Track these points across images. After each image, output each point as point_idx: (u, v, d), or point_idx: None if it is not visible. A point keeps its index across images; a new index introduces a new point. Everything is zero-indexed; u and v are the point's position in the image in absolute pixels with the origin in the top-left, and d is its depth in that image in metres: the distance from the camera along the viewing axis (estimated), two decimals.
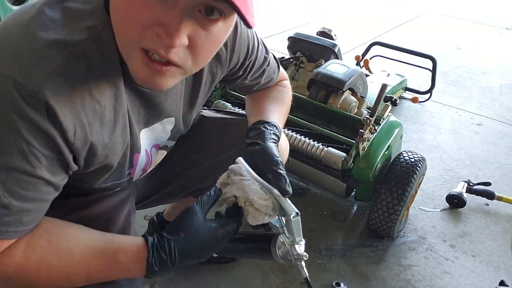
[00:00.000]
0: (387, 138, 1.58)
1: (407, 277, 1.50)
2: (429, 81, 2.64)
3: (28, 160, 0.59)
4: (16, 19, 0.62)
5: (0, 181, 0.58)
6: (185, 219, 0.75)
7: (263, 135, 0.88)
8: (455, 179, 2.07)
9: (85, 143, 0.64)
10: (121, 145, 0.73)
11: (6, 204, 0.60)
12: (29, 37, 0.59)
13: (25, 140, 0.58)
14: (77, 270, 0.69)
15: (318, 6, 4.92)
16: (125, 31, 0.60)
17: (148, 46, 0.59)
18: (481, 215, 1.86)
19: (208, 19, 0.59)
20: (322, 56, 1.92)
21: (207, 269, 1.42)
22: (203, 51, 0.63)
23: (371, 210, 1.56)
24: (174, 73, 0.64)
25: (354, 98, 1.71)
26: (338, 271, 1.49)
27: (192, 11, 0.58)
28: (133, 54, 0.61)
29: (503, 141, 2.49)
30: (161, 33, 0.57)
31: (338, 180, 1.57)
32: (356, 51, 3.26)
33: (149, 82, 0.64)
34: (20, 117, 0.57)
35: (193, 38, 0.60)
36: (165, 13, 0.56)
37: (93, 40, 0.62)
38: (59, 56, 0.59)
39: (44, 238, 0.67)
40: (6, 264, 0.65)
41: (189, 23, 0.58)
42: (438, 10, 5.38)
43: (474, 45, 4.19)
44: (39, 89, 0.57)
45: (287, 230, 0.76)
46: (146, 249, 0.71)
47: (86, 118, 0.63)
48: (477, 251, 1.66)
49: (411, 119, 2.62)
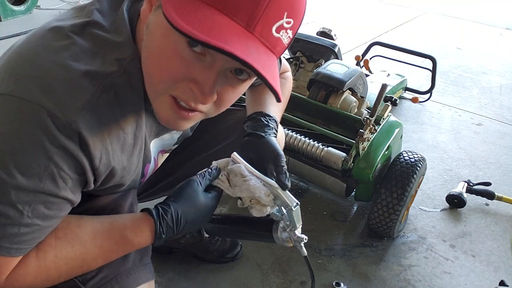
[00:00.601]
0: (387, 138, 1.58)
1: (407, 277, 1.50)
2: (429, 81, 2.64)
3: (56, 183, 0.61)
4: (45, 45, 0.63)
5: (26, 202, 0.60)
6: (188, 189, 0.79)
7: (265, 127, 0.89)
8: (455, 179, 2.06)
9: (107, 167, 0.68)
10: (135, 165, 0.77)
11: (29, 223, 0.62)
12: (62, 67, 0.61)
13: (57, 165, 0.60)
14: (93, 255, 0.72)
15: (318, 6, 4.92)
16: (158, 78, 0.62)
17: (179, 96, 0.63)
18: (481, 215, 1.86)
19: (237, 78, 0.64)
20: (322, 56, 1.92)
21: (207, 269, 1.42)
22: (227, 104, 0.68)
23: (371, 210, 1.56)
24: (197, 118, 0.68)
25: (354, 98, 1.71)
26: (338, 271, 1.49)
27: (225, 72, 0.62)
28: (162, 98, 0.64)
29: (503, 141, 2.49)
30: (195, 90, 0.60)
31: (338, 180, 1.57)
32: (356, 51, 3.26)
33: (172, 124, 0.68)
34: (53, 145, 0.59)
35: (220, 94, 0.64)
36: (202, 72, 0.59)
37: (122, 72, 0.65)
38: (92, 87, 0.62)
39: (52, 237, 0.69)
40: (24, 274, 0.66)
41: (221, 82, 0.62)
42: (438, 10, 5.38)
43: (474, 45, 4.19)
44: (73, 120, 0.59)
45: (288, 218, 0.81)
46: (152, 220, 0.75)
47: (110, 145, 0.66)
48: (477, 251, 1.66)
49: (411, 119, 2.62)
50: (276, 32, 0.58)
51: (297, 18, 0.61)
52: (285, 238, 0.83)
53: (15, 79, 0.60)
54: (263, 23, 0.56)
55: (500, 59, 3.86)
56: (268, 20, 0.57)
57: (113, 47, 0.65)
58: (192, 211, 0.77)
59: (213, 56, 0.59)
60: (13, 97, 0.58)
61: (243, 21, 0.56)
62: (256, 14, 0.55)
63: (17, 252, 0.63)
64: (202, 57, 0.59)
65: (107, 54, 0.64)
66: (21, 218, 0.60)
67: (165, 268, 1.41)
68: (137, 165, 0.77)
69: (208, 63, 0.59)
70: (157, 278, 1.38)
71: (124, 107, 0.67)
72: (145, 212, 0.77)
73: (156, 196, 1.21)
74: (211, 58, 0.59)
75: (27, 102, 0.58)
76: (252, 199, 0.79)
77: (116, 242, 0.74)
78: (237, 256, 1.47)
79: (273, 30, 0.58)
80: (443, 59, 3.40)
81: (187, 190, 0.79)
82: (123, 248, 0.75)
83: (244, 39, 0.55)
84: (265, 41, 0.58)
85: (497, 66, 3.67)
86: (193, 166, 1.12)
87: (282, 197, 0.78)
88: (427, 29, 4.60)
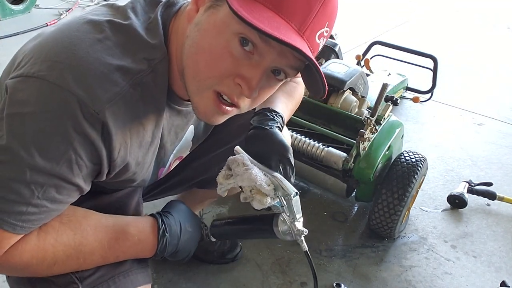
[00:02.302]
0: (388, 138, 1.57)
1: (408, 278, 1.50)
2: (430, 80, 2.63)
3: (72, 169, 0.64)
4: (81, 37, 0.65)
5: (39, 183, 0.62)
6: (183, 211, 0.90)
7: (270, 121, 0.90)
8: (456, 179, 2.06)
9: (123, 161, 0.71)
10: (148, 163, 0.79)
11: (38, 204, 0.64)
12: (96, 59, 0.63)
13: (76, 152, 0.63)
14: (92, 249, 0.74)
15: None
16: (206, 74, 0.66)
17: (224, 91, 0.67)
18: (482, 216, 1.85)
19: (275, 78, 0.69)
20: (322, 55, 1.91)
21: (207, 270, 1.42)
22: (261, 100, 0.73)
23: (372, 211, 1.56)
24: (233, 113, 0.72)
25: (355, 98, 1.71)
26: (338, 272, 1.48)
27: (268, 71, 0.67)
28: (205, 94, 0.67)
29: (505, 141, 2.48)
30: (242, 84, 0.65)
31: (339, 180, 1.56)
32: (357, 50, 3.25)
33: (210, 118, 0.72)
34: (76, 131, 0.61)
35: (259, 91, 0.69)
36: (250, 69, 0.64)
37: (151, 71, 0.68)
38: (123, 82, 0.65)
39: (56, 220, 0.71)
40: (21, 251, 0.68)
41: (264, 80, 0.67)
42: (439, 9, 5.37)
43: (475, 44, 4.18)
44: (101, 110, 0.62)
45: (288, 209, 0.81)
46: (155, 220, 0.80)
47: (130, 139, 0.69)
48: (479, 252, 1.65)
49: (412, 119, 2.61)
50: (318, 39, 0.65)
51: (331, 28, 0.67)
52: (286, 231, 0.83)
53: (49, 65, 0.62)
54: (311, 29, 0.62)
55: (502, 59, 3.84)
56: (315, 26, 0.63)
57: (145, 47, 0.68)
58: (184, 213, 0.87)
59: (261, 55, 0.63)
60: (46, 81, 0.60)
61: (296, 25, 0.61)
62: (308, 20, 0.62)
63: (22, 230, 0.65)
64: (250, 56, 0.63)
65: (138, 52, 0.67)
66: (32, 198, 0.63)
67: (165, 268, 1.40)
68: (150, 164, 0.79)
69: (255, 61, 0.64)
70: (157, 279, 1.37)
71: (148, 105, 0.70)
72: (148, 216, 0.81)
73: (161, 196, 1.22)
74: (259, 57, 0.64)
75: (59, 88, 0.60)
76: (253, 189, 0.79)
77: (117, 238, 0.76)
78: (237, 257, 1.46)
79: (316, 36, 0.64)
80: (444, 59, 3.39)
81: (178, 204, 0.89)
82: (123, 246, 0.77)
83: (298, 39, 0.61)
84: (309, 45, 0.63)
85: (498, 66, 3.66)
86: (198, 167, 1.13)
87: (282, 185, 0.78)
88: (428, 28, 4.59)
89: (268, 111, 0.93)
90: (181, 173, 1.14)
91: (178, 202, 0.92)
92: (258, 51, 0.63)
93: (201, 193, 1.28)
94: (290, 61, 0.64)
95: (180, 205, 0.91)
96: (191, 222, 0.90)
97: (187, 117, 0.84)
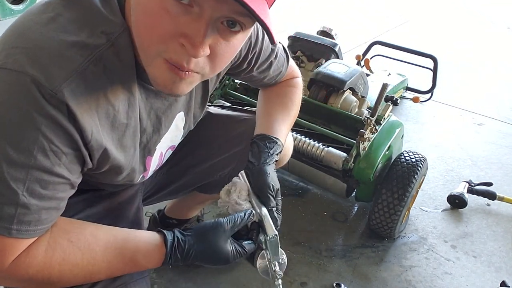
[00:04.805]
0: (388, 138, 1.57)
1: (408, 278, 1.50)
2: (430, 80, 2.63)
3: (48, 158, 0.60)
4: (34, 19, 0.62)
5: (20, 180, 0.59)
6: (211, 232, 0.77)
7: (262, 154, 0.90)
8: (456, 179, 2.06)
9: (99, 145, 0.66)
10: (131, 149, 0.75)
11: (26, 203, 0.60)
12: (50, 37, 0.60)
13: (46, 137, 0.58)
14: (99, 268, 0.71)
15: (318, 5, 4.91)
16: (148, 41, 0.61)
17: (172, 58, 0.60)
18: (482, 216, 1.85)
19: (229, 30, 0.61)
20: (322, 55, 1.91)
21: (207, 270, 1.41)
22: (222, 60, 0.65)
23: (372, 211, 1.56)
24: (194, 79, 0.65)
25: (355, 98, 1.70)
26: (338, 272, 1.48)
27: (216, 23, 0.59)
28: (155, 62, 0.62)
29: (505, 141, 2.48)
30: (185, 44, 0.58)
31: (339, 180, 1.56)
32: (357, 50, 3.25)
33: (170, 88, 0.65)
34: (40, 115, 0.57)
35: (213, 48, 0.61)
36: (190, 24, 0.57)
37: (110, 45, 0.63)
38: (80, 57, 0.60)
39: (64, 238, 0.68)
40: (28, 265, 0.66)
41: (212, 34, 0.59)
42: (439, 9, 5.37)
43: (475, 44, 4.18)
44: (58, 90, 0.58)
45: (266, 247, 0.82)
46: (165, 250, 0.74)
47: (99, 120, 0.64)
48: (479, 252, 1.65)
49: (412, 119, 2.61)
50: None
51: None
52: (263, 268, 0.84)
53: (6, 53, 0.59)
54: None
55: (502, 59, 3.84)
56: None
57: (101, 19, 0.63)
58: (205, 252, 0.76)
59: (201, 5, 0.56)
60: (3, 69, 0.58)
61: None
62: None
63: (19, 233, 0.62)
64: (189, 9, 0.57)
65: (95, 26, 0.63)
66: (16, 197, 0.59)
67: (165, 268, 1.40)
68: (133, 150, 0.75)
69: (196, 14, 0.57)
70: (157, 279, 1.37)
71: (114, 82, 0.65)
72: (159, 236, 0.76)
73: (162, 200, 1.20)
74: (199, 9, 0.57)
75: (13, 72, 0.57)
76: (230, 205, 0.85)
77: (125, 263, 0.73)
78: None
79: None
80: (444, 59, 3.38)
81: (210, 232, 0.77)
82: (130, 269, 0.75)
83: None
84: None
85: (499, 66, 3.66)
86: (199, 173, 1.12)
87: (264, 224, 0.81)
88: (428, 28, 4.59)
89: (263, 139, 0.93)
90: (182, 179, 1.13)
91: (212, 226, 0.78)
92: (196, 1, 0.56)
93: (202, 196, 1.28)
94: (233, 6, 0.55)
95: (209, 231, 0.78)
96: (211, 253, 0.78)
97: (169, 100, 0.79)
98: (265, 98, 1.07)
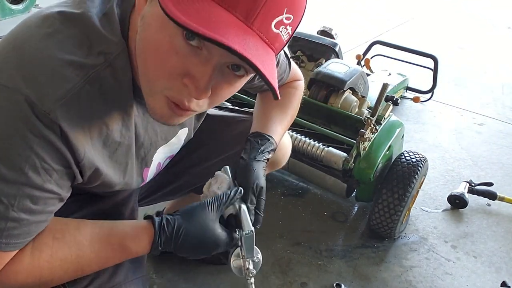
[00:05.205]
0: (388, 138, 1.57)
1: (408, 278, 1.49)
2: (431, 80, 2.62)
3: (39, 175, 0.59)
4: (31, 32, 0.62)
5: (11, 195, 0.59)
6: (198, 209, 0.76)
7: (254, 152, 0.89)
8: (456, 179, 2.05)
9: (90, 162, 0.66)
10: (123, 164, 0.75)
11: (16, 217, 0.60)
12: (46, 55, 0.59)
13: (38, 156, 0.58)
14: (88, 260, 0.70)
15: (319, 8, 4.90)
16: (154, 76, 0.60)
17: (174, 96, 0.60)
18: (483, 216, 1.85)
19: (234, 74, 0.61)
20: (322, 55, 1.91)
21: (206, 270, 1.41)
22: (221, 99, 0.66)
23: (372, 211, 1.55)
24: (192, 113, 0.67)
25: (355, 98, 1.70)
26: (338, 272, 1.48)
27: (222, 67, 0.59)
28: (157, 97, 0.62)
29: (505, 141, 2.48)
30: (189, 85, 0.58)
31: (339, 180, 1.56)
32: (357, 50, 3.24)
33: (165, 120, 0.66)
34: (33, 134, 0.57)
35: (215, 90, 0.61)
36: (197, 67, 0.57)
37: (107, 66, 0.63)
38: (76, 77, 0.60)
39: (49, 237, 0.68)
40: (15, 272, 0.65)
41: (216, 78, 0.60)
42: (440, 9, 5.36)
43: (476, 44, 4.18)
44: (51, 110, 0.57)
45: (241, 244, 0.80)
46: (153, 231, 0.73)
47: (91, 140, 0.64)
48: (479, 252, 1.65)
49: (413, 119, 2.61)
50: (276, 28, 0.57)
51: (297, 14, 0.59)
52: (237, 265, 0.83)
53: (0, 66, 0.59)
54: (263, 18, 0.55)
55: (502, 59, 3.84)
56: (267, 14, 0.55)
57: (100, 39, 0.63)
58: (194, 230, 0.74)
59: (210, 50, 0.56)
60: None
61: (242, 15, 0.54)
62: (256, 8, 0.54)
63: (7, 247, 0.62)
64: (198, 51, 0.57)
65: (92, 46, 0.62)
66: (7, 211, 0.59)
67: (164, 269, 1.40)
68: (126, 166, 0.75)
69: (204, 57, 0.57)
70: (156, 279, 1.37)
71: (109, 102, 0.64)
72: (147, 220, 0.75)
73: (157, 202, 1.20)
74: (208, 53, 0.57)
75: (8, 89, 0.57)
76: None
77: (114, 250, 0.72)
78: None
79: (272, 25, 0.56)
80: (445, 58, 3.38)
81: (197, 209, 0.76)
82: (120, 256, 0.74)
83: (242, 33, 0.53)
84: (264, 37, 0.56)
85: (499, 66, 3.66)
86: (196, 174, 1.11)
87: (242, 219, 0.78)
88: (429, 28, 4.58)
89: (258, 137, 0.92)
90: (179, 180, 1.12)
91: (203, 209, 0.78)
92: (206, 45, 0.56)
93: (200, 197, 1.27)
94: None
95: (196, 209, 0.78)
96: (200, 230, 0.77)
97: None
98: (263, 99, 1.06)
